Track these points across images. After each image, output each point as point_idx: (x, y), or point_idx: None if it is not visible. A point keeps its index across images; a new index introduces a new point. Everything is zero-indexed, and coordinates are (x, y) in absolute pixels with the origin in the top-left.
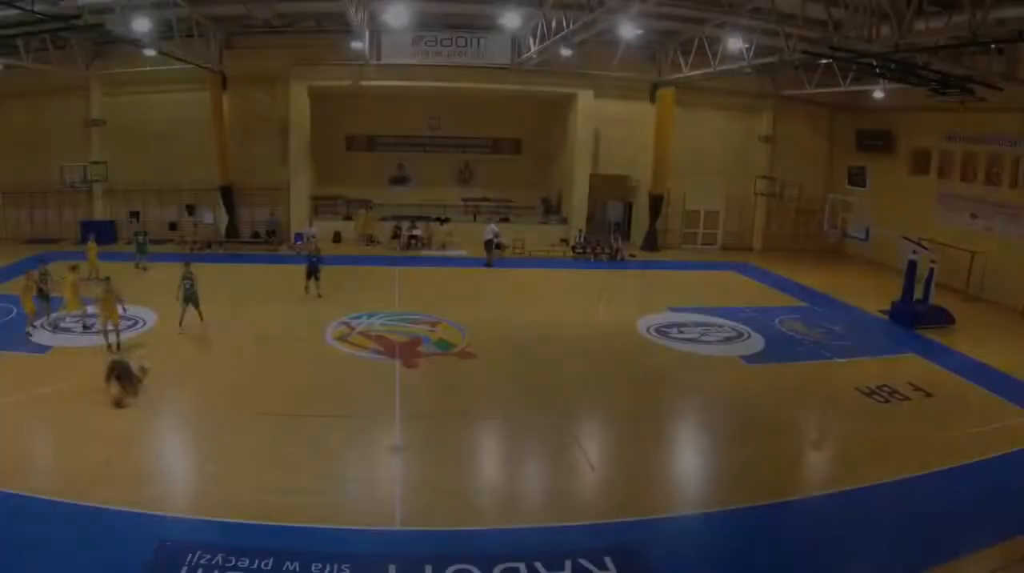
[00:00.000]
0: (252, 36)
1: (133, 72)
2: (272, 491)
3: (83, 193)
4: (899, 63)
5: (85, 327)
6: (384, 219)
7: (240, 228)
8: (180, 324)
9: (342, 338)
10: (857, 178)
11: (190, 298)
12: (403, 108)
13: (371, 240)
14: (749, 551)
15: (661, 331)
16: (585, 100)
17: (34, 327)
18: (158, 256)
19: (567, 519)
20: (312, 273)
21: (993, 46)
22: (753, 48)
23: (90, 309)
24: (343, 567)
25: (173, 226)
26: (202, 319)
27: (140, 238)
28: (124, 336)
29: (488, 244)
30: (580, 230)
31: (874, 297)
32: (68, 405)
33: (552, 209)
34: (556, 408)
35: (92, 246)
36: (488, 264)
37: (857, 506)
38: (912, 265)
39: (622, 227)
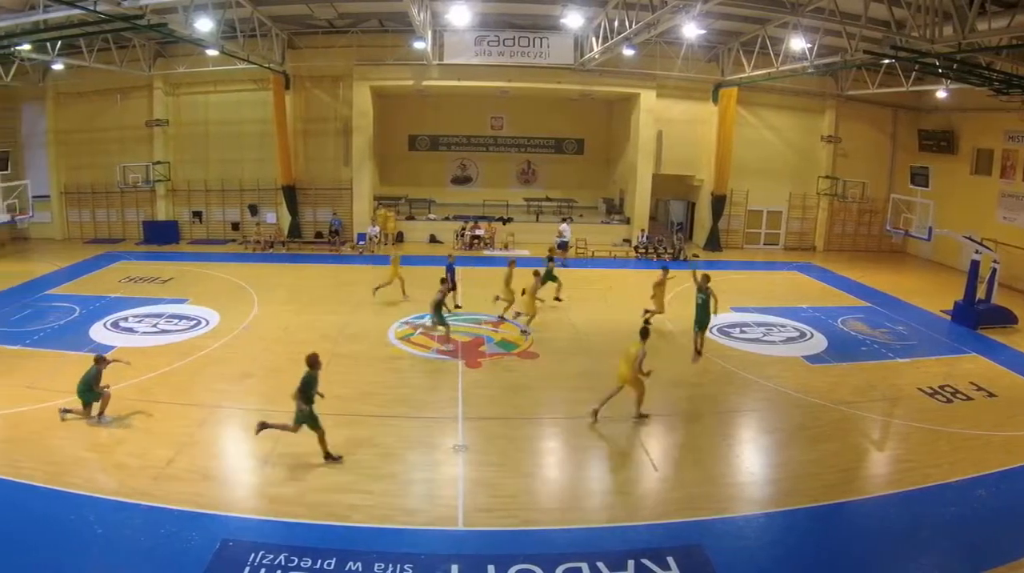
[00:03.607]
0: (315, 36)
1: (195, 72)
2: (335, 491)
3: (145, 193)
4: (961, 63)
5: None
6: (447, 219)
7: (303, 228)
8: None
9: (405, 338)
10: (919, 178)
11: None
12: (465, 108)
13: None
14: (810, 551)
15: (723, 331)
16: (648, 100)
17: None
18: (223, 256)
19: (630, 519)
20: (454, 284)
21: None
22: (816, 48)
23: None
24: (406, 567)
25: (236, 226)
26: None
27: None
28: (187, 336)
29: (561, 246)
30: (642, 230)
31: (936, 297)
32: (126, 405)
33: (614, 209)
34: (618, 408)
35: (396, 257)
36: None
37: (919, 506)
38: (975, 265)
39: (684, 227)
